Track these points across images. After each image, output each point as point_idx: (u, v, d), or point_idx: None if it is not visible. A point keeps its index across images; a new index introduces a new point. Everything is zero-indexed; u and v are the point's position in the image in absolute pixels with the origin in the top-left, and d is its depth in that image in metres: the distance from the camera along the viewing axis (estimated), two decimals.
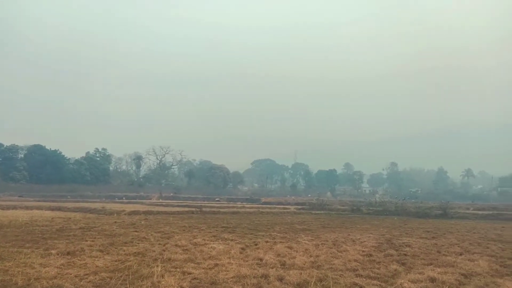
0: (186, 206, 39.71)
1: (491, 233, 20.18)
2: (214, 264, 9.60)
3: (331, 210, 44.21)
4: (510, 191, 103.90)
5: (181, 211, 32.04)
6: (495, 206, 52.69)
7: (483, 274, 9.17)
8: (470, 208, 48.10)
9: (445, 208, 38.45)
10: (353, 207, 44.56)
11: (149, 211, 30.38)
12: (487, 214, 38.11)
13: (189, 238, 14.43)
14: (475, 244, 15.07)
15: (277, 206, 52.24)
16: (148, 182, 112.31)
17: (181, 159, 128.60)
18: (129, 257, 10.32)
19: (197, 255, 10.88)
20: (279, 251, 11.80)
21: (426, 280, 8.40)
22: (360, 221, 28.06)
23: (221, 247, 12.24)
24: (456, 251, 13.02)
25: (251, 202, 68.21)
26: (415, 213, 38.44)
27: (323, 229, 20.10)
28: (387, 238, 16.48)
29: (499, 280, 8.61)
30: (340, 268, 9.54)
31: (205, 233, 16.50)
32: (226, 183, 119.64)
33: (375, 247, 13.42)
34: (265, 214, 33.19)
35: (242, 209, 38.53)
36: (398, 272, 9.25)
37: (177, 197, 79.08)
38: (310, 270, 9.01)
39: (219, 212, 32.99)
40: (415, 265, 10.30)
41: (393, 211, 39.87)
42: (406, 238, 16.48)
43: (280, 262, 9.98)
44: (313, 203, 52.65)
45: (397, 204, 43.49)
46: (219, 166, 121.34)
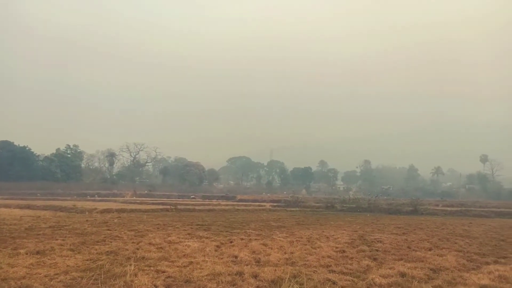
0: (161, 204, 39.20)
1: (459, 229, 20.92)
2: (188, 262, 9.54)
3: (306, 207, 44.71)
4: (477, 188, 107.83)
5: (156, 209, 31.61)
6: (463, 203, 54.59)
7: (450, 269, 9.49)
8: (439, 204, 49.58)
9: (415, 205, 39.59)
10: (328, 204, 45.24)
11: (123, 209, 29.82)
12: (456, 210, 39.45)
13: (164, 236, 14.27)
14: (444, 240, 15.60)
15: (253, 203, 52.32)
16: (121, 180, 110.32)
17: (156, 156, 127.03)
18: (101, 256, 10.12)
19: (171, 253, 10.78)
20: (254, 248, 11.84)
21: (397, 275, 8.63)
22: (334, 218, 28.50)
23: (196, 245, 12.17)
24: (426, 246, 13.43)
25: (227, 199, 68.07)
26: (387, 210, 39.41)
27: (298, 226, 20.30)
28: (360, 234, 16.82)
29: (466, 274, 8.93)
30: (314, 264, 9.68)
31: (180, 231, 16.36)
32: (202, 180, 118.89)
33: (348, 243, 13.67)
34: (241, 212, 33.22)
35: (217, 206, 38.40)
36: (370, 268, 9.46)
37: (151, 194, 78.00)
38: (284, 267, 9.09)
39: (194, 210, 32.78)
40: (386, 260, 10.56)
41: (366, 208, 40.69)
42: (378, 234, 16.87)
43: (255, 259, 10.03)
44: (288, 200, 53.13)
45: (370, 201, 44.41)
46: (195, 164, 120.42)
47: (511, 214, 35.53)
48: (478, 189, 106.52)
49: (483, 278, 8.46)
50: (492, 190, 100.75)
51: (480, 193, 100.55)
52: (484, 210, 38.79)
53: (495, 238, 16.72)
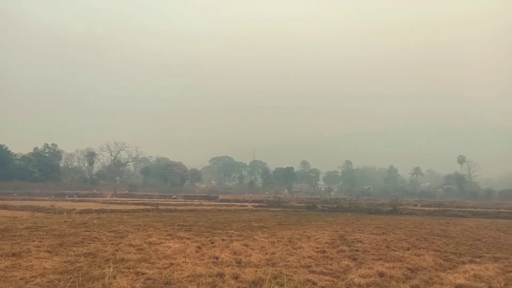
0: (142, 204, 38.76)
1: (436, 229, 21.37)
2: (169, 263, 9.46)
3: (288, 207, 44.92)
4: (455, 189, 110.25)
5: (136, 209, 31.24)
6: (440, 203, 55.71)
7: (428, 268, 9.69)
8: (418, 204, 50.54)
9: (395, 205, 40.27)
10: (309, 204, 45.61)
11: (102, 210, 29.35)
12: (434, 210, 40.28)
13: (144, 237, 14.12)
14: (422, 239, 15.90)
15: (235, 203, 52.28)
16: (101, 179, 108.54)
17: (137, 156, 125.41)
18: (79, 258, 9.94)
19: (151, 254, 10.67)
20: (235, 249, 11.83)
21: (375, 275, 8.76)
22: (316, 218, 28.72)
23: (176, 246, 12.09)
24: (404, 246, 13.67)
25: (209, 199, 67.84)
26: (368, 210, 39.96)
27: (280, 226, 20.38)
28: (341, 234, 17.00)
29: (442, 274, 9.13)
30: (295, 265, 9.73)
31: (161, 231, 16.22)
32: (184, 180, 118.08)
33: (329, 244, 13.80)
34: (223, 212, 33.16)
35: (199, 206, 38.20)
36: (350, 268, 9.57)
37: (132, 194, 77.01)
38: (265, 268, 9.12)
39: (176, 210, 32.56)
40: (366, 260, 10.71)
41: (347, 208, 41.18)
42: (358, 234, 17.09)
43: (236, 260, 10.02)
44: (271, 201, 53.27)
45: (351, 201, 44.98)
46: (177, 163, 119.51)
47: (487, 214, 36.52)
48: (456, 190, 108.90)
49: (459, 277, 8.66)
50: (469, 190, 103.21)
51: (457, 193, 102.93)
52: (461, 210, 39.72)
53: (471, 238, 17.13)
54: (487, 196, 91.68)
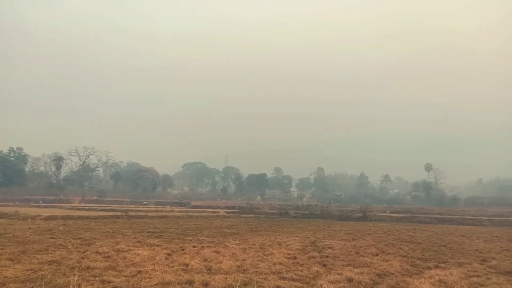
0: (111, 210, 37.90)
1: (404, 235, 21.90)
2: (137, 271, 9.25)
3: (260, 213, 44.91)
4: (422, 196, 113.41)
5: (105, 216, 30.47)
6: (408, 209, 57.23)
7: (395, 274, 9.90)
8: (387, 211, 51.65)
9: (365, 211, 41.00)
10: (281, 210, 45.79)
11: (69, 216, 28.49)
12: (402, 216, 41.28)
13: (112, 244, 13.77)
14: (390, 245, 16.26)
15: (207, 209, 51.87)
16: (69, 185, 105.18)
17: (107, 161, 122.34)
18: (42, 266, 9.57)
19: (119, 262, 10.41)
20: (206, 256, 11.72)
21: (344, 280, 8.87)
22: (288, 224, 28.86)
23: (145, 253, 11.85)
24: (373, 252, 13.93)
25: (181, 205, 67.01)
26: (339, 216, 40.52)
27: (251, 233, 20.35)
28: (312, 240, 17.15)
29: (409, 279, 9.35)
30: (265, 271, 9.72)
31: (130, 238, 15.88)
32: (155, 186, 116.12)
33: (299, 250, 13.89)
34: (194, 218, 32.82)
35: (170, 213, 37.72)
36: (319, 274, 9.66)
37: (101, 200, 75.08)
38: (235, 275, 9.07)
39: (146, 217, 31.98)
40: (335, 266, 10.83)
41: (318, 214, 41.58)
42: (329, 241, 17.29)
43: (206, 267, 9.92)
44: (243, 207, 53.19)
45: (322, 207, 45.42)
46: (148, 169, 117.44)
47: (453, 221, 37.75)
48: (423, 196, 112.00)
49: (425, 282, 8.90)
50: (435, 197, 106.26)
51: (424, 200, 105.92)
52: (428, 217, 40.88)
53: (437, 244, 17.65)
54: (452, 203, 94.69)
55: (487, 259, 12.88)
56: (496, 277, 9.89)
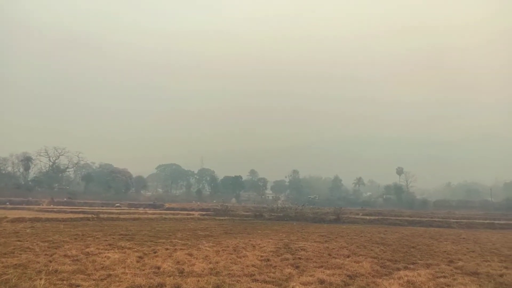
0: (81, 213, 36.99)
1: (375, 236, 22.33)
2: (106, 274, 9.04)
3: (235, 216, 44.81)
4: (393, 198, 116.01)
5: (75, 218, 29.70)
6: (380, 212, 58.45)
7: (365, 275, 10.07)
8: (360, 213, 52.61)
9: (338, 214, 41.60)
10: (256, 213, 45.82)
11: (37, 218, 27.64)
12: (374, 219, 42.11)
13: (81, 247, 13.41)
14: (361, 247, 16.54)
15: (181, 212, 51.30)
16: (38, 186, 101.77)
17: (78, 162, 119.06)
18: (7, 270, 9.21)
19: (88, 265, 10.15)
20: (178, 258, 11.58)
21: (316, 282, 8.96)
22: (262, 226, 28.90)
23: (116, 256, 11.60)
24: (345, 253, 14.14)
25: (154, 208, 66.09)
26: (313, 218, 40.92)
27: (225, 235, 20.27)
28: (285, 242, 17.24)
29: (378, 280, 9.53)
30: (238, 273, 9.70)
31: (100, 241, 15.51)
32: (128, 188, 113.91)
33: (273, 252, 13.93)
34: (168, 220, 32.43)
35: (143, 215, 37.13)
36: (292, 276, 9.71)
37: (72, 202, 72.95)
38: (208, 277, 9.00)
39: (118, 219, 31.37)
40: (308, 268, 10.92)
41: (293, 217, 41.87)
42: (303, 243, 17.42)
43: (179, 270, 9.80)
44: (218, 209, 52.92)
45: (297, 210, 45.80)
46: (121, 170, 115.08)
47: (422, 223, 38.77)
48: (394, 199, 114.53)
49: (394, 283, 9.08)
50: (406, 200, 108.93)
51: (395, 202, 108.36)
52: (399, 219, 41.86)
53: (406, 245, 18.08)
54: (422, 206, 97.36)
55: (454, 260, 13.29)
56: (462, 277, 10.21)
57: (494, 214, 59.60)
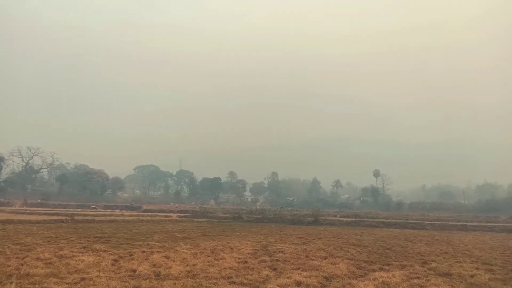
0: (55, 214, 36.09)
1: (352, 238, 22.63)
2: (80, 278, 8.85)
3: (213, 218, 44.58)
4: (370, 200, 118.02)
5: (49, 220, 28.96)
6: (357, 214, 59.26)
7: (342, 276, 10.20)
8: (337, 215, 53.16)
9: (316, 216, 41.96)
10: (235, 215, 45.76)
11: (9, 220, 26.81)
12: (351, 220, 42.64)
13: (55, 250, 13.09)
14: (338, 249, 16.73)
15: (159, 214, 50.68)
16: (10, 187, 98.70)
17: (53, 162, 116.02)
18: None
19: (61, 269, 9.91)
20: (155, 261, 11.45)
21: (293, 284, 9.02)
22: (240, 228, 28.87)
23: (90, 259, 11.37)
24: (322, 255, 14.27)
25: (131, 209, 64.98)
26: (291, 220, 41.13)
27: (203, 237, 20.15)
28: (263, 244, 17.27)
29: (354, 281, 9.67)
30: (215, 276, 9.66)
31: (74, 244, 15.16)
32: (105, 189, 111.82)
33: (251, 254, 13.93)
34: (145, 223, 31.97)
35: (120, 217, 36.50)
36: (269, 278, 9.74)
37: (46, 204, 71.00)
38: (185, 280, 8.93)
39: (94, 221, 30.73)
40: (285, 270, 10.98)
41: (271, 219, 41.99)
42: (280, 244, 17.49)
43: (155, 273, 9.69)
44: (196, 211, 52.62)
45: (275, 211, 46.06)
46: (97, 171, 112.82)
47: (397, 224, 39.54)
48: (371, 201, 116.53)
49: (369, 284, 9.24)
50: (382, 202, 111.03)
51: (372, 204, 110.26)
52: (375, 221, 42.54)
53: (382, 247, 18.40)
54: (398, 208, 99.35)
55: (428, 262, 13.61)
56: (435, 278, 10.47)
57: (466, 216, 61.43)
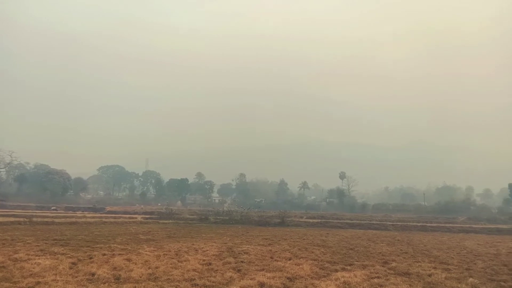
0: (13, 216, 34.45)
1: (317, 239, 22.95)
2: (35, 282, 8.48)
3: (179, 219, 44.08)
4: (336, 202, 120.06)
5: (5, 222, 27.62)
6: (323, 215, 60.20)
7: (305, 277, 10.30)
8: (304, 216, 53.72)
9: (283, 217, 42.28)
10: (202, 216, 45.42)
11: None
12: (317, 222, 43.27)
13: (9, 253, 12.49)
14: (303, 250, 16.91)
15: (123, 215, 49.49)
16: None
17: (11, 162, 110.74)
18: None
19: (15, 272, 9.46)
20: (116, 264, 11.13)
21: (256, 285, 9.02)
22: (207, 230, 28.65)
23: (47, 262, 10.92)
24: (287, 256, 14.37)
25: (94, 211, 63.10)
26: (258, 222, 41.25)
27: (168, 239, 19.85)
28: (229, 246, 17.20)
29: (317, 281, 9.79)
30: (178, 278, 9.51)
31: (31, 246, 14.53)
32: (66, 190, 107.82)
33: (216, 256, 13.83)
34: (108, 224, 31.15)
35: (82, 219, 35.35)
36: (233, 279, 9.70)
37: (2, 205, 67.73)
38: (145, 283, 8.74)
39: (54, 223, 29.66)
40: (249, 271, 10.96)
41: (238, 220, 41.95)
42: (246, 246, 17.48)
43: (115, 276, 9.41)
44: (162, 212, 51.78)
45: (243, 213, 45.98)
46: (59, 171, 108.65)
47: (361, 225, 40.50)
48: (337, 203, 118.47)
49: (331, 284, 9.38)
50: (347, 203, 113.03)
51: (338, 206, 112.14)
52: (340, 222, 43.38)
53: (345, 247, 18.77)
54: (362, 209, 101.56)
55: (388, 261, 14.00)
56: (395, 278, 10.77)
57: (426, 217, 63.73)
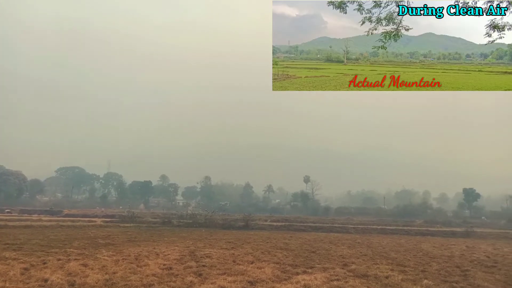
0: None
1: (280, 242, 23.11)
2: None
3: (142, 222, 43.15)
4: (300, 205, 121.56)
5: None
6: (287, 218, 60.70)
7: (266, 280, 10.32)
8: (268, 220, 54.01)
9: (247, 220, 42.31)
10: (165, 219, 44.65)
11: None
12: (281, 225, 43.61)
13: None
14: (266, 253, 16.97)
15: (82, 218, 47.88)
16: None
17: None
18: None
19: None
20: (71, 269, 10.72)
21: None
22: (169, 233, 28.19)
23: None
24: (249, 259, 14.37)
25: (51, 214, 60.59)
26: (222, 225, 41.05)
27: (129, 243, 19.34)
28: (191, 250, 16.99)
29: (278, 285, 9.84)
30: (136, 284, 9.28)
31: None
32: (22, 192, 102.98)
33: (177, 260, 13.61)
34: (65, 228, 30.00)
35: (37, 222, 33.93)
36: (193, 284, 9.57)
37: None
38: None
39: (6, 226, 28.32)
40: (210, 275, 10.86)
41: (202, 223, 41.55)
42: (209, 249, 17.33)
43: (69, 283, 9.06)
44: (124, 216, 50.38)
45: (207, 216, 45.53)
46: (14, 172, 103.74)
47: (324, 228, 41.19)
48: (301, 206, 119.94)
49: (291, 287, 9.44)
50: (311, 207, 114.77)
51: (302, 209, 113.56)
52: (303, 225, 43.93)
53: (308, 250, 19.00)
54: (325, 212, 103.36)
55: (348, 264, 14.30)
56: (353, 280, 11.01)
57: (386, 220, 65.77)
